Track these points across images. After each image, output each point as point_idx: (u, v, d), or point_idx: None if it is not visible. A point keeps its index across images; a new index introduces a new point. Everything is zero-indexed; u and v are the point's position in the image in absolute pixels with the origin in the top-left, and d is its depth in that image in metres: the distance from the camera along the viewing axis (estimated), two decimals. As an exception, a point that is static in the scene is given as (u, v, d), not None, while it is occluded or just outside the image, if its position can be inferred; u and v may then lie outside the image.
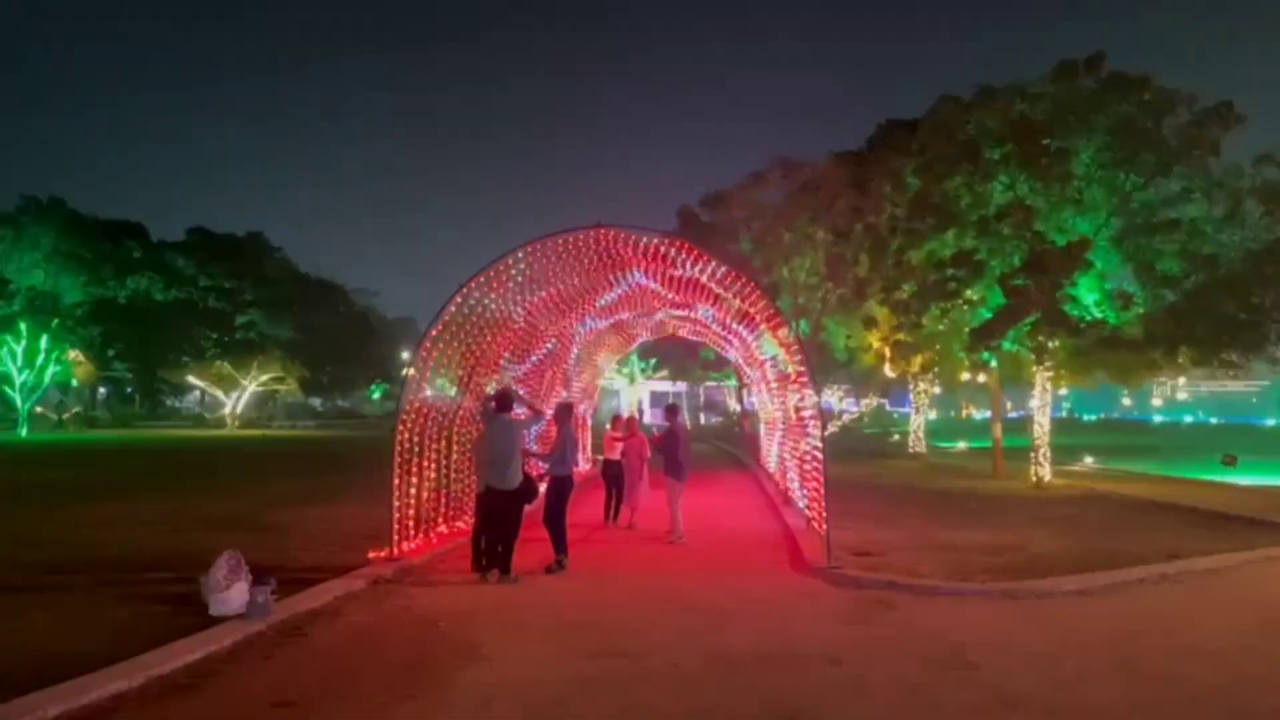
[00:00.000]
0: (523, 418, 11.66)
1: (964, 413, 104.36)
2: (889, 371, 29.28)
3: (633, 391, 73.76)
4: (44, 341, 49.06)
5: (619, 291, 16.47)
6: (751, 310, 14.23)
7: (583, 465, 21.60)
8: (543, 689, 6.35)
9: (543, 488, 11.03)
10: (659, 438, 13.66)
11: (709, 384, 69.16)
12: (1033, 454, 22.44)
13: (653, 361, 69.96)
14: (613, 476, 14.63)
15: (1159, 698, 6.27)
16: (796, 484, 15.59)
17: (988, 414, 46.42)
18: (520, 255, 12.01)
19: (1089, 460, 30.91)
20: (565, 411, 11.50)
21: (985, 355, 22.49)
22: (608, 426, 16.06)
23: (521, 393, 14.07)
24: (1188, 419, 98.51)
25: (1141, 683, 6.62)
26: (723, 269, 13.03)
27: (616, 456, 14.68)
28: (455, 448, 12.85)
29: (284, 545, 11.63)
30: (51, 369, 49.86)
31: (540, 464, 12.53)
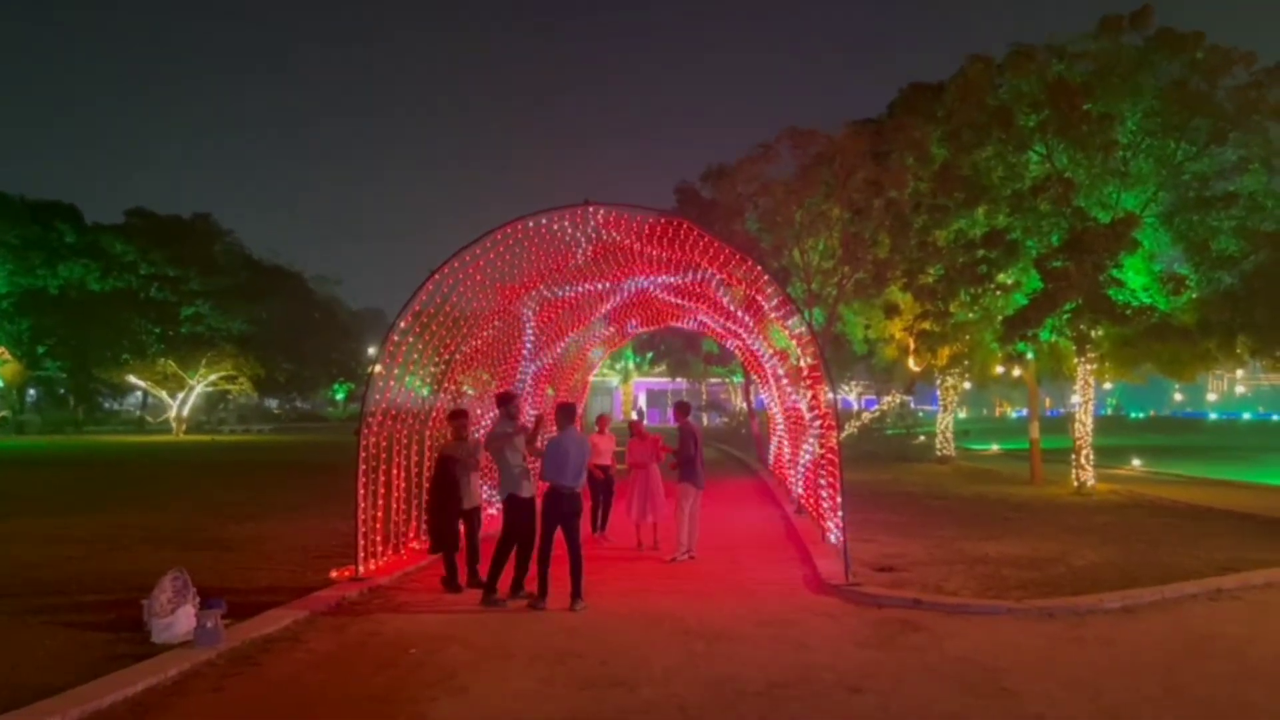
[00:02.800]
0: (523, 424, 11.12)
1: (998, 411, 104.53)
2: (913, 365, 29.23)
3: (627, 389, 73.82)
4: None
5: (611, 280, 16.46)
6: (759, 297, 14.24)
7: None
8: (527, 723, 6.35)
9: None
10: (672, 448, 13.33)
11: (712, 380, 69.11)
12: (1074, 456, 22.46)
13: (649, 356, 69.98)
14: (598, 484, 14.56)
15: (1215, 727, 6.30)
16: (810, 491, 15.59)
17: (1024, 412, 46.14)
18: (499, 238, 11.98)
19: (1136, 463, 30.98)
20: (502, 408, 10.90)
21: (1021, 346, 22.50)
22: (593, 425, 16.03)
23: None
24: (1246, 416, 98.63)
25: (1196, 711, 6.64)
26: (727, 251, 13.02)
27: (606, 461, 14.65)
28: (428, 454, 12.82)
29: (236, 564, 11.60)
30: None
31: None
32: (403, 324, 11.68)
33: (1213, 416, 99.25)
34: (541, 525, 9.87)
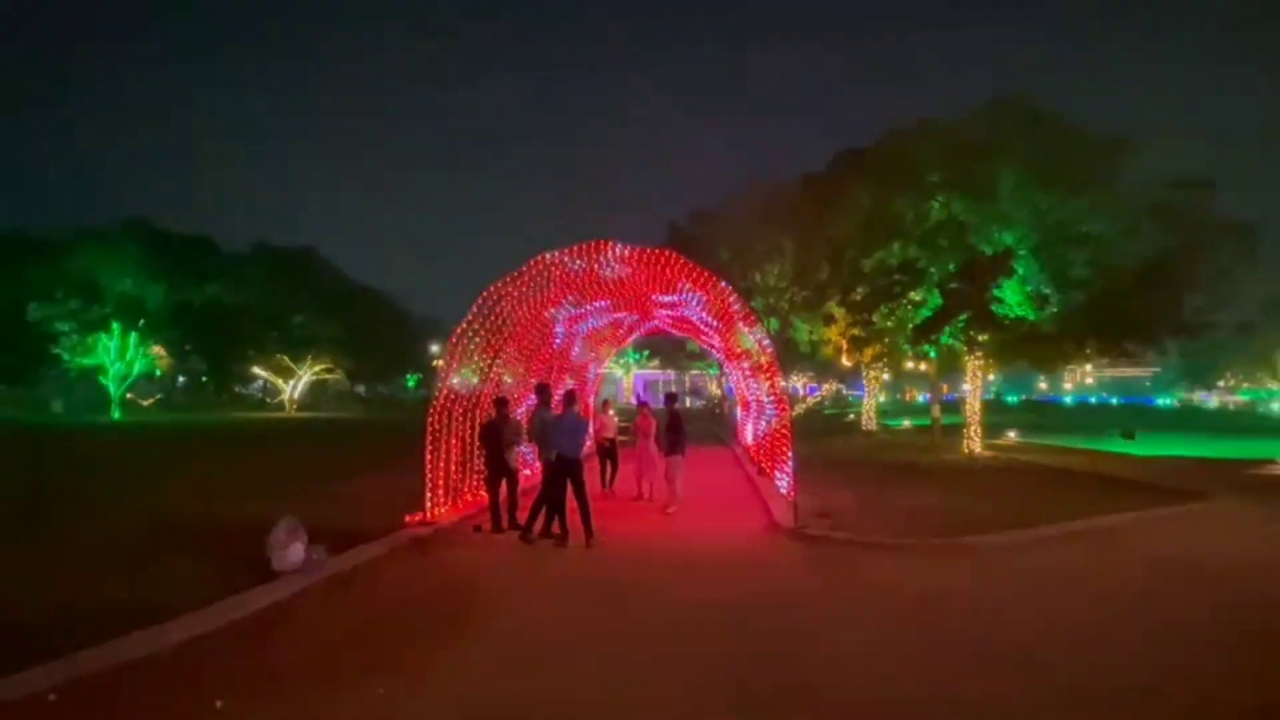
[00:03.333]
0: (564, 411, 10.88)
1: (908, 396, 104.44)
2: (845, 361, 29.29)
3: (629, 379, 73.77)
4: (132, 339, 49.13)
5: (619, 295, 16.42)
6: (730, 309, 14.22)
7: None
8: (551, 634, 6.38)
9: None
10: (665, 417, 13.25)
11: (693, 372, 69.11)
12: (965, 430, 22.54)
13: (645, 353, 69.98)
14: (605, 451, 14.68)
15: (1065, 633, 6.33)
16: (768, 458, 15.61)
17: (928, 397, 46.44)
18: (532, 264, 11.97)
19: (1012, 435, 30.97)
20: (539, 396, 10.88)
21: (926, 348, 22.60)
22: (599, 409, 16.06)
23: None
24: (1092, 400, 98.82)
25: (1049, 616, 6.69)
26: (706, 274, 13.00)
27: (610, 434, 14.73)
28: (477, 428, 12.81)
29: (334, 511, 11.63)
30: (138, 362, 49.98)
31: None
32: (459, 329, 11.69)
33: (1068, 400, 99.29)
34: (554, 484, 9.84)
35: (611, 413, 15.38)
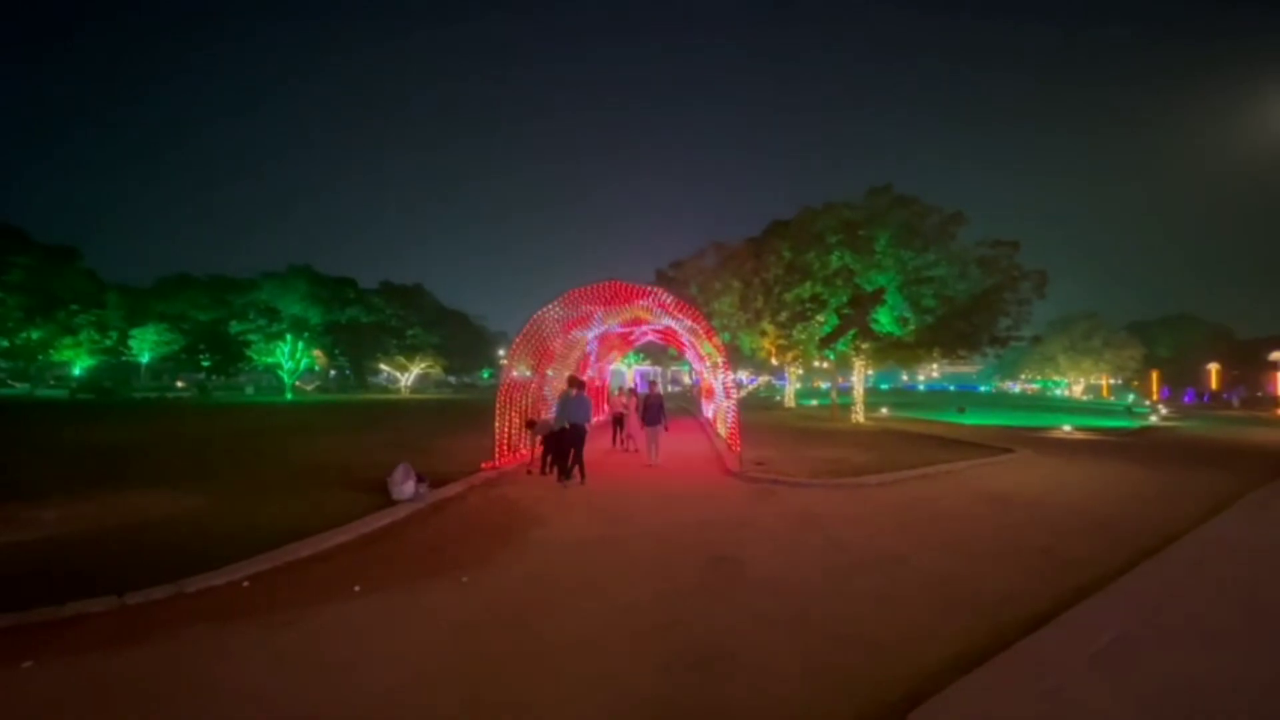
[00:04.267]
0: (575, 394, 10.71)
1: (816, 384, 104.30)
2: (774, 361, 29.27)
3: (630, 372, 73.49)
4: (299, 346, 49.07)
5: (622, 317, 16.38)
6: (698, 327, 14.19)
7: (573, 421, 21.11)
8: (579, 540, 6.36)
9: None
10: (645, 399, 12.70)
11: (674, 368, 68.95)
12: (853, 407, 22.51)
13: (641, 355, 69.77)
14: (618, 420, 14.62)
15: (924, 541, 6.33)
16: (723, 426, 15.57)
17: (829, 385, 46.59)
18: (567, 296, 11.93)
19: (884, 411, 30.94)
20: (570, 384, 10.46)
21: (828, 352, 22.57)
22: (615, 393, 16.02)
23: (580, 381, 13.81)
24: (937, 387, 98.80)
25: (914, 531, 6.68)
26: (683, 304, 12.97)
27: (621, 410, 14.67)
28: (529, 406, 12.75)
29: (435, 460, 11.57)
30: (304, 361, 49.93)
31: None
32: (517, 339, 11.65)
33: (921, 388, 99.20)
34: (567, 445, 9.64)
35: (623, 397, 15.34)
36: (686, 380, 60.45)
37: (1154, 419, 27.75)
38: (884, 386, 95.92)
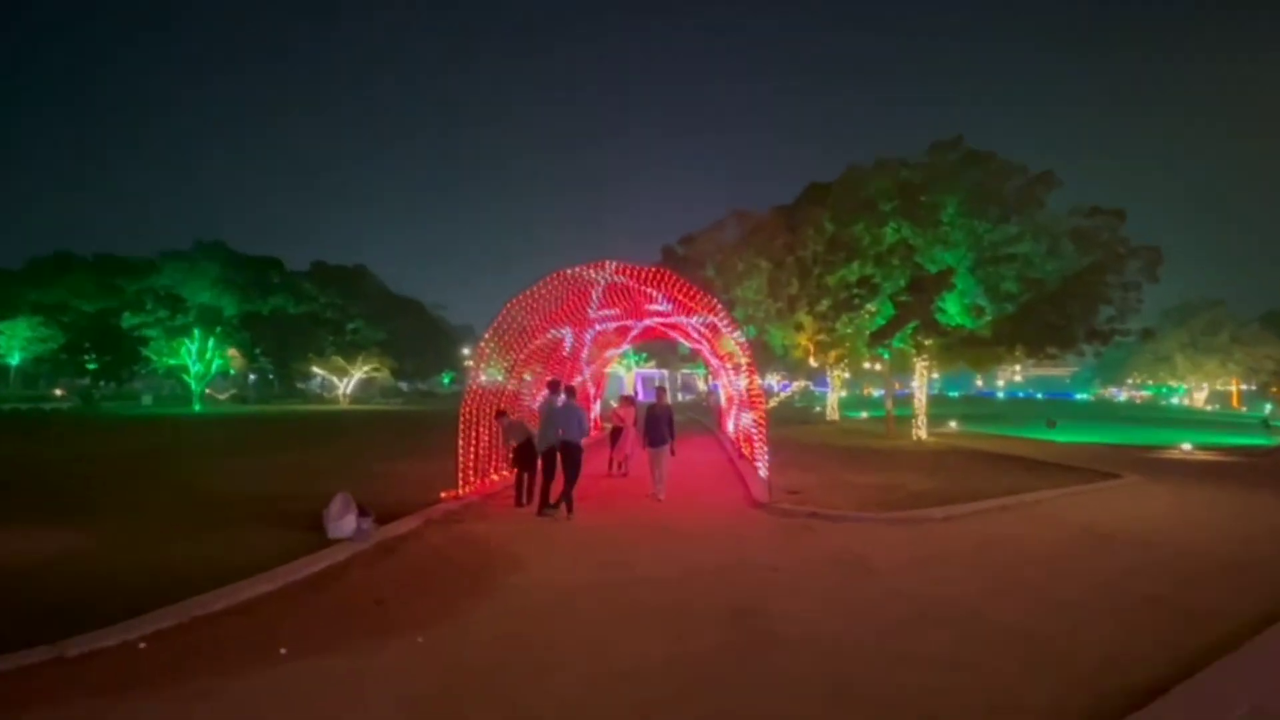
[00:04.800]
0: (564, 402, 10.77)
1: (865, 391, 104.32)
2: (813, 362, 29.29)
3: (630, 376, 73.64)
4: (210, 343, 49.20)
5: (620, 306, 16.42)
6: (715, 319, 14.20)
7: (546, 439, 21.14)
8: (566, 589, 6.37)
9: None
10: (649, 410, 12.15)
11: (684, 371, 69.02)
12: (913, 420, 22.53)
13: (643, 355, 69.83)
14: (614, 436, 14.57)
15: (1002, 590, 6.33)
16: (746, 443, 15.60)
17: (882, 392, 46.33)
18: (546, 281, 11.96)
19: (953, 424, 31.00)
20: (552, 390, 10.25)
21: (881, 351, 22.60)
22: (613, 403, 16.04)
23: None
24: (1021, 395, 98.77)
25: (990, 578, 6.68)
26: (694, 289, 12.99)
27: (618, 423, 14.65)
28: (503, 419, 12.77)
29: (381, 488, 11.61)
30: (216, 363, 50.07)
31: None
32: (486, 335, 11.69)
33: (1000, 395, 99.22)
34: (550, 466, 9.69)
35: (620, 407, 15.37)
36: (701, 386, 60.52)
37: (1297, 434, 27.73)
38: (953, 394, 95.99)
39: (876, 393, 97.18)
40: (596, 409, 24.32)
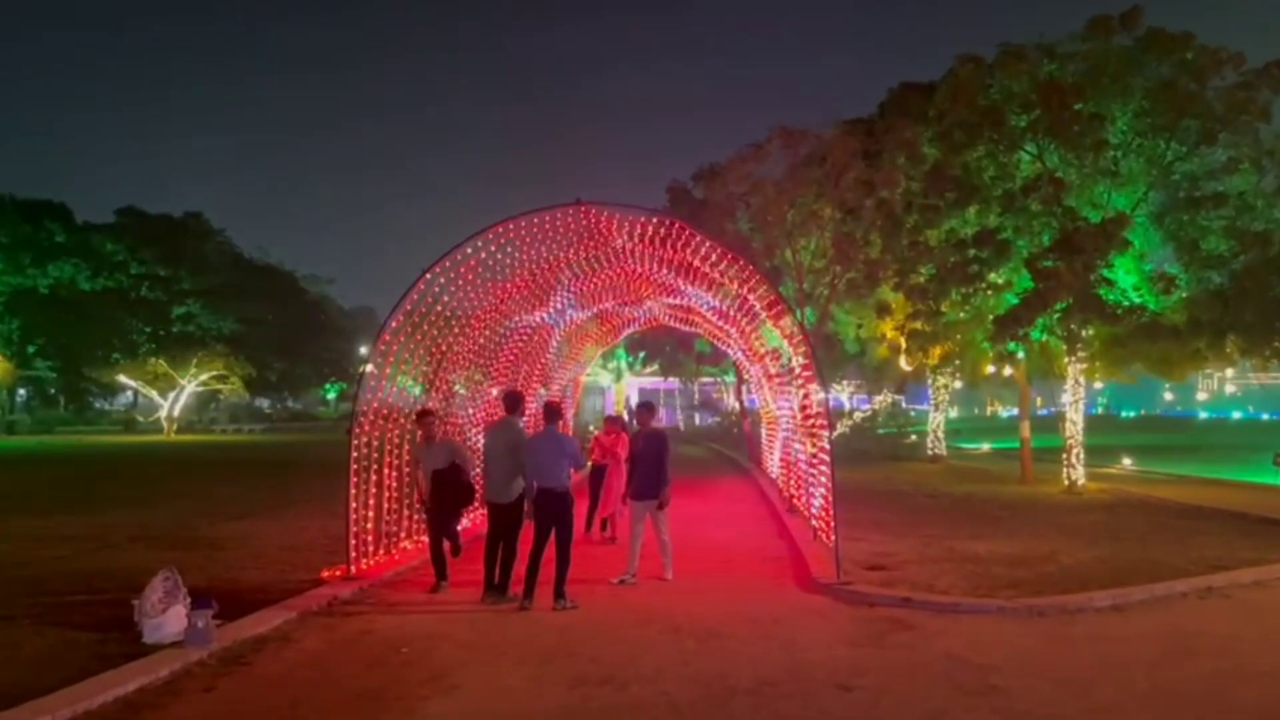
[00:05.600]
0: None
1: (989, 410, 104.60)
2: (905, 365, 29.26)
3: (620, 389, 73.73)
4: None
5: (603, 278, 16.45)
6: (751, 297, 14.22)
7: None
8: (518, 721, 6.34)
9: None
10: (631, 443, 11.99)
11: (704, 380, 69.06)
12: (1064, 455, 22.50)
13: (641, 355, 69.79)
14: (598, 478, 14.54)
15: (1203, 724, 6.31)
16: (801, 490, 15.59)
17: (1014, 411, 45.92)
18: (490, 237, 11.98)
19: (1127, 462, 31.04)
20: (508, 406, 10.58)
21: (1012, 346, 22.53)
22: (593, 430, 16.02)
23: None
24: (1236, 415, 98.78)
25: (1185, 710, 6.64)
26: (718, 250, 13.02)
27: (605, 459, 14.60)
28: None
29: (228, 563, 11.55)
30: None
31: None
32: (394, 323, 11.65)
33: (1203, 415, 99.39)
34: (508, 526, 9.94)
35: (609, 434, 15.36)
36: (729, 402, 60.55)
37: None
38: (1127, 413, 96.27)
39: (1006, 412, 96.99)
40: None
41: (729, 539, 14.53)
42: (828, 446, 12.20)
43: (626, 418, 15.48)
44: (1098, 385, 32.05)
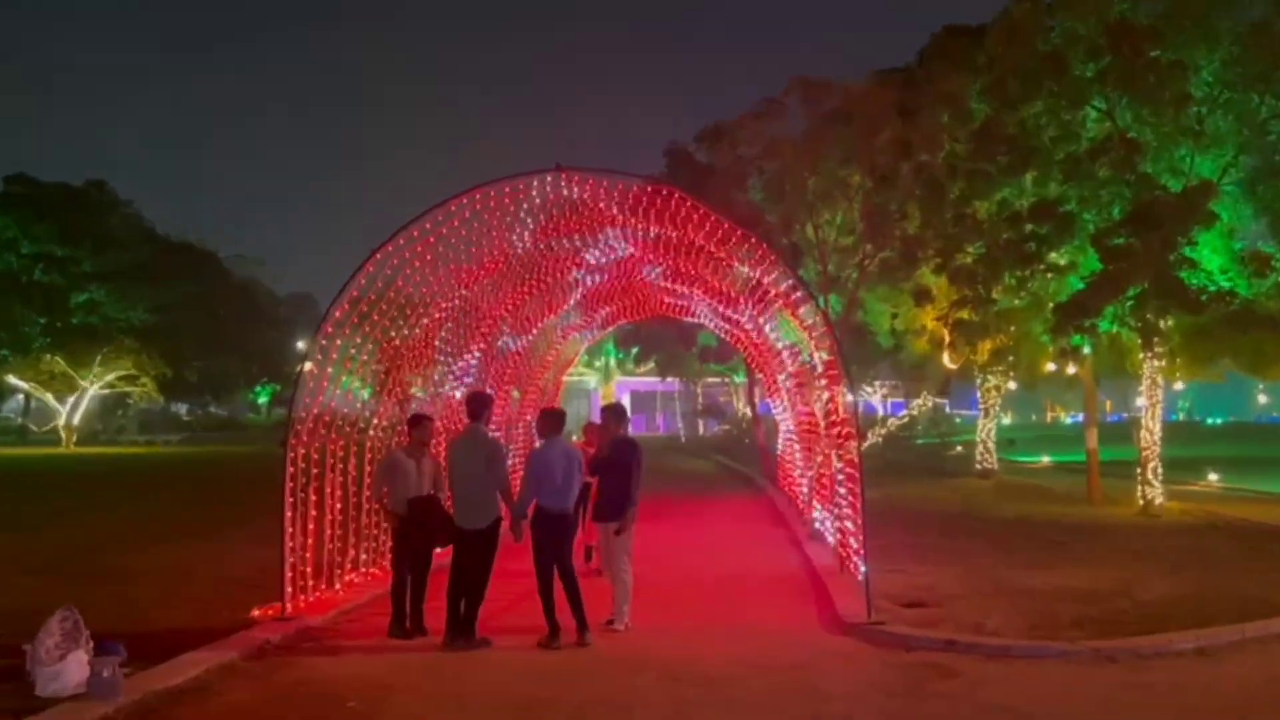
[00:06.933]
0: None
1: (1049, 416, 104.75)
2: (949, 362, 29.34)
3: (608, 391, 73.75)
4: None
5: (589, 258, 16.46)
6: (764, 282, 14.24)
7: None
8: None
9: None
10: (594, 453, 11.69)
11: (709, 380, 69.06)
12: (1139, 469, 22.53)
13: (633, 351, 69.75)
14: (583, 500, 14.52)
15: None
16: (825, 511, 15.61)
17: (1079, 418, 45.97)
18: (454, 209, 11.96)
19: (1214, 477, 31.07)
20: (545, 426, 10.88)
21: (1076, 339, 22.56)
22: (574, 437, 16.00)
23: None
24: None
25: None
26: (726, 226, 13.01)
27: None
28: (369, 468, 12.76)
29: (139, 600, 11.51)
30: None
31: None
32: (338, 313, 11.63)
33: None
34: (473, 558, 9.92)
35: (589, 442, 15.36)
36: (741, 407, 60.61)
37: None
38: (1214, 419, 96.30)
39: (1070, 418, 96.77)
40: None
41: (738, 570, 14.53)
42: (856, 459, 12.21)
43: (612, 420, 15.34)
44: (1178, 386, 32.05)
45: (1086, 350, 23.62)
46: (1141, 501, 21.96)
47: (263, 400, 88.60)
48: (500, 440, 10.89)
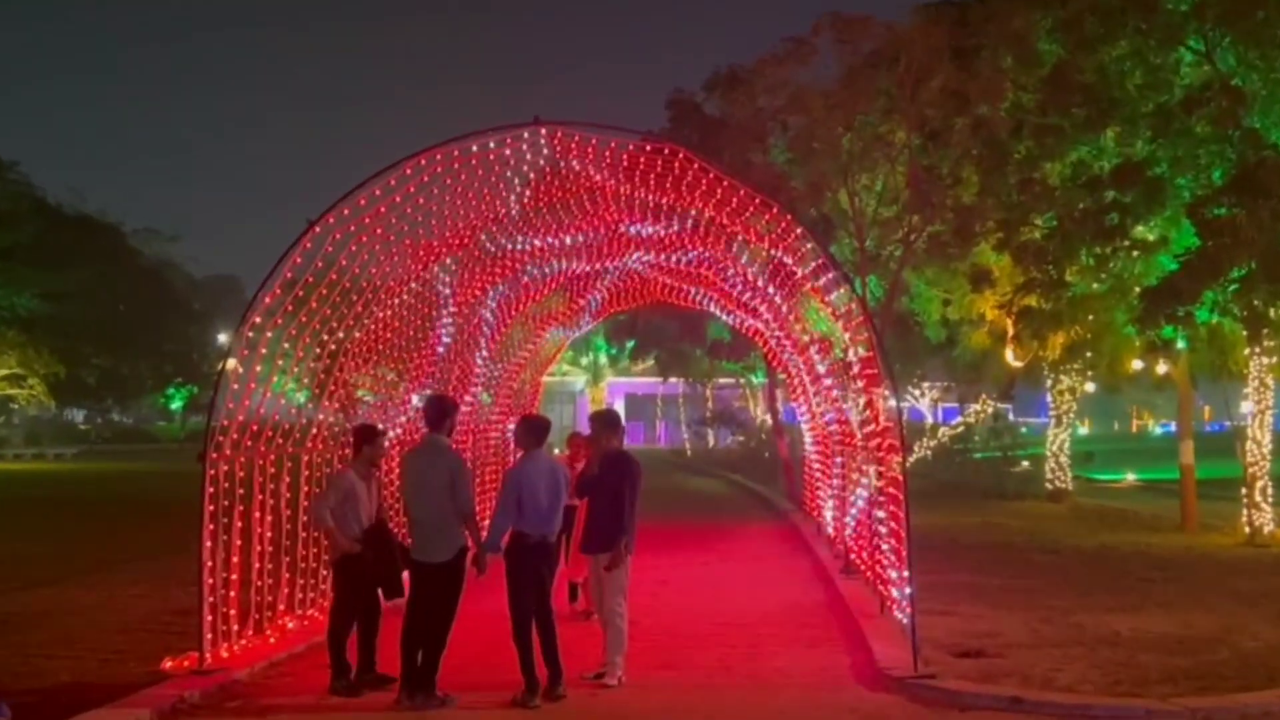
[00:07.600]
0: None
1: (1134, 425, 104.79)
2: (1012, 359, 29.36)
3: (598, 393, 73.73)
4: None
5: (576, 235, 16.47)
6: (789, 260, 14.25)
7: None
8: None
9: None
10: (582, 470, 11.76)
11: (721, 381, 68.96)
12: (1245, 490, 22.56)
13: (628, 346, 69.56)
14: (568, 524, 14.52)
15: None
16: (862, 541, 15.63)
17: (1171, 427, 45.91)
18: (409, 173, 11.94)
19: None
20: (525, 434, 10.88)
21: (1167, 331, 22.58)
22: (556, 450, 16.04)
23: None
24: None
25: None
26: (742, 193, 13.02)
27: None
28: (306, 489, 12.75)
29: (28, 648, 11.51)
30: None
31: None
32: (268, 299, 11.63)
33: None
34: (434, 595, 9.90)
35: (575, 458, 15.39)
36: (760, 415, 60.62)
37: None
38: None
39: (1160, 428, 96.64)
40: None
41: (758, 612, 14.54)
42: (900, 477, 12.22)
43: (604, 430, 15.33)
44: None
45: (1180, 345, 23.65)
46: (1247, 529, 21.98)
47: (176, 406, 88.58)
48: (463, 456, 10.80)
